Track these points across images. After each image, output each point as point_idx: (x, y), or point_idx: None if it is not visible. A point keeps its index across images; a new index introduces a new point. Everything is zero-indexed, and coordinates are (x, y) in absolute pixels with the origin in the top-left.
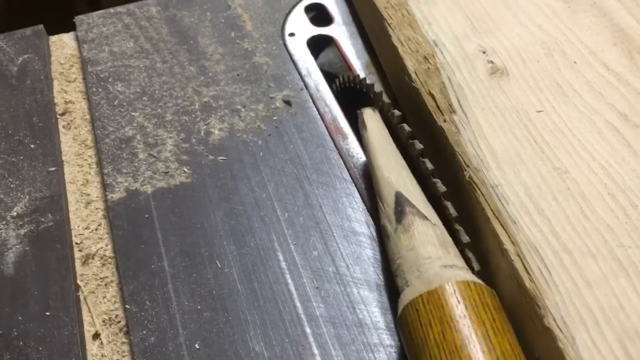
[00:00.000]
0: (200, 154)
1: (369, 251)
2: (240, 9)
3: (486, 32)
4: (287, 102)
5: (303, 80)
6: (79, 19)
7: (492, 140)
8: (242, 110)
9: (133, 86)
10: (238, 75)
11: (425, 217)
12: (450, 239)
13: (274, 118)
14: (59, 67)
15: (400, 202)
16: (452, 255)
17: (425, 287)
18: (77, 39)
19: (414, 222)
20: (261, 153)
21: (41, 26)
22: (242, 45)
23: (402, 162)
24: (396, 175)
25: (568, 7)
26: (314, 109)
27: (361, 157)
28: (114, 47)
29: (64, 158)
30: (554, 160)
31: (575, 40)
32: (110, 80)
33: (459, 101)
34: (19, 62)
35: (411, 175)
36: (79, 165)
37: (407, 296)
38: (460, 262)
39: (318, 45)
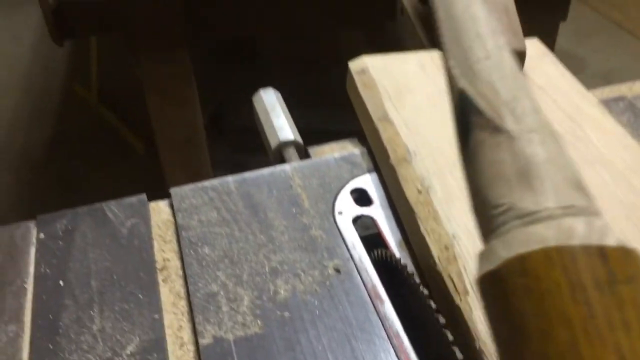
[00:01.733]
0: (270, 310)
1: None
2: (300, 189)
3: None
4: (337, 270)
5: (349, 252)
6: (174, 191)
7: None
8: (302, 274)
9: (217, 250)
10: (299, 245)
11: (499, 130)
12: (568, 158)
13: (327, 283)
14: (158, 230)
15: (465, 110)
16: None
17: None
18: (171, 207)
19: (485, 141)
20: (317, 312)
21: (144, 195)
22: (301, 220)
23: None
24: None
25: None
26: (358, 277)
27: (395, 320)
28: (202, 216)
29: (162, 307)
30: None
31: None
32: (199, 244)
33: (472, 285)
34: (128, 225)
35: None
36: (174, 313)
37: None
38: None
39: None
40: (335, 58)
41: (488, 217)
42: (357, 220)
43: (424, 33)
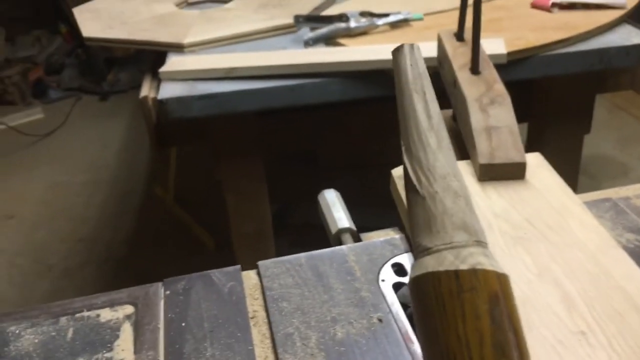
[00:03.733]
0: (330, 346)
1: None
2: (353, 263)
3: None
4: (380, 320)
5: (389, 308)
6: (260, 263)
7: None
8: (354, 322)
9: (292, 304)
10: (352, 302)
11: (417, 192)
12: None
13: (372, 329)
14: (249, 290)
15: (405, 176)
16: None
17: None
18: (258, 275)
19: (411, 199)
20: (364, 348)
21: (239, 266)
22: (354, 285)
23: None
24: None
25: None
26: (395, 325)
27: (421, 357)
28: (281, 281)
29: (254, 343)
30: None
31: None
32: (279, 300)
33: None
34: (228, 286)
35: None
36: (262, 347)
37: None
38: None
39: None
40: (385, 162)
41: (414, 247)
42: (397, 288)
43: (456, 146)
